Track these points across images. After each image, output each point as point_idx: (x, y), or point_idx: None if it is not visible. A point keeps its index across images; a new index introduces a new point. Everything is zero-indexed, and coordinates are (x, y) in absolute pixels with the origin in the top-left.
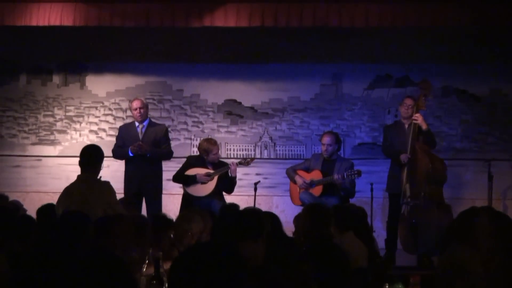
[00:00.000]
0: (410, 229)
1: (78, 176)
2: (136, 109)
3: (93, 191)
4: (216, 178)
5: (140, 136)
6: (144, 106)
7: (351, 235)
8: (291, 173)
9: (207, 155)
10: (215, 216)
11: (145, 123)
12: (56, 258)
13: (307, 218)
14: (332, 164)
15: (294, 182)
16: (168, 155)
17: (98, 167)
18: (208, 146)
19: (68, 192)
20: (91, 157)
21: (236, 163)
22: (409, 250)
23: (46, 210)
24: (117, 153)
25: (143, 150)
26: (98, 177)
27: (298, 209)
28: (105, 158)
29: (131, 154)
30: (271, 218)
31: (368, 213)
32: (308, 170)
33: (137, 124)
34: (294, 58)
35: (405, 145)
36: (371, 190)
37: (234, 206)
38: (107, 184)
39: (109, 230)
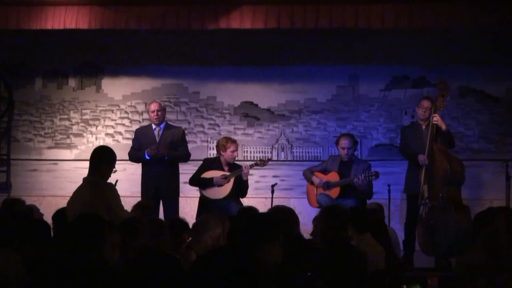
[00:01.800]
0: (428, 231)
1: (84, 179)
2: (153, 111)
3: (96, 194)
4: (232, 180)
5: (157, 139)
6: (162, 109)
7: (368, 236)
8: (308, 174)
9: (224, 150)
10: (233, 219)
11: (162, 126)
12: (69, 263)
13: (325, 219)
14: (349, 166)
15: (311, 183)
16: (185, 158)
17: (105, 170)
18: (227, 142)
19: (75, 195)
20: (97, 159)
21: (249, 166)
22: (427, 251)
23: (61, 214)
24: (134, 156)
25: (161, 153)
26: (111, 181)
27: (315, 211)
28: (121, 161)
29: (147, 157)
30: (287, 214)
31: (386, 215)
32: (325, 171)
33: (154, 126)
34: (311, 60)
35: (422, 146)
36: (389, 191)
37: (251, 209)
38: (110, 187)
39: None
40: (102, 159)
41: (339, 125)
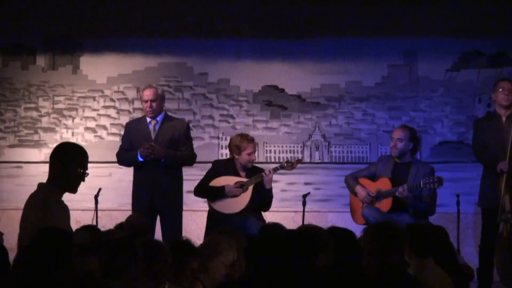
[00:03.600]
0: (510, 255)
1: (38, 185)
2: (146, 101)
3: (46, 206)
4: (251, 188)
5: (153, 135)
6: (158, 97)
7: (431, 263)
8: (351, 182)
9: (239, 153)
10: (252, 239)
11: (159, 118)
12: None
13: (373, 241)
14: (405, 169)
15: (355, 194)
16: (189, 160)
17: (58, 172)
18: (242, 142)
19: (25, 209)
20: (51, 157)
21: (273, 170)
22: (510, 283)
23: None
24: (123, 157)
25: (156, 153)
26: (91, 187)
27: (361, 229)
28: (106, 164)
29: (140, 159)
30: (340, 237)
31: (454, 234)
32: (373, 177)
33: (148, 119)
34: (354, 31)
35: (502, 145)
36: (458, 203)
37: (276, 226)
38: (54, 203)
39: None
40: (57, 157)
41: (391, 116)
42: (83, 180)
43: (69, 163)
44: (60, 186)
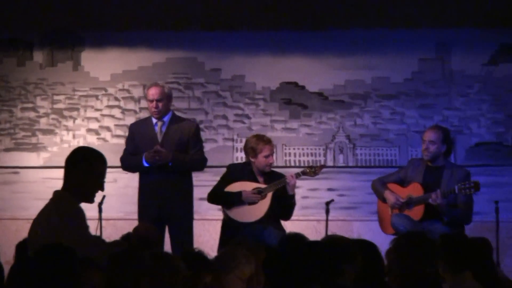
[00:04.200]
0: None
1: (54, 193)
2: (152, 100)
3: (62, 216)
4: (270, 195)
5: (159, 137)
6: (164, 96)
7: (467, 277)
8: (379, 188)
9: (255, 156)
10: (272, 251)
11: (166, 119)
12: None
13: (403, 253)
14: (438, 174)
15: (384, 200)
16: (199, 164)
17: (78, 180)
18: (258, 144)
19: (38, 217)
20: (68, 163)
21: (295, 175)
22: None
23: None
24: (127, 162)
25: (163, 158)
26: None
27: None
28: (110, 169)
29: (146, 164)
30: (364, 249)
31: (493, 245)
32: (403, 183)
33: (154, 120)
34: (382, 21)
35: None
36: (496, 211)
37: (298, 237)
38: (74, 211)
39: None
40: (74, 163)
41: (422, 115)
42: (102, 189)
43: (87, 170)
44: (77, 194)
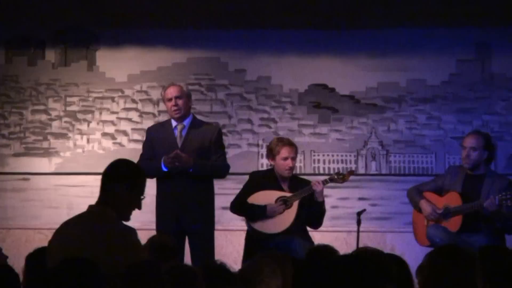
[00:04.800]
0: None
1: (89, 207)
2: (170, 99)
3: (100, 237)
4: (296, 205)
5: (179, 142)
6: (184, 95)
7: None
8: (414, 196)
9: (273, 159)
10: (299, 264)
11: (187, 122)
12: None
13: (438, 269)
14: (478, 182)
15: (419, 210)
16: (222, 171)
17: (121, 196)
18: (276, 145)
19: (65, 229)
20: (107, 178)
21: (322, 182)
22: None
23: (40, 257)
24: (144, 167)
25: (184, 162)
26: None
27: (426, 252)
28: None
29: (164, 169)
30: (397, 266)
31: None
32: (441, 191)
33: (174, 123)
34: (417, 20)
35: None
36: None
37: (327, 249)
38: (125, 231)
39: None
40: (116, 178)
41: (460, 120)
42: (139, 208)
43: (130, 188)
44: (113, 207)
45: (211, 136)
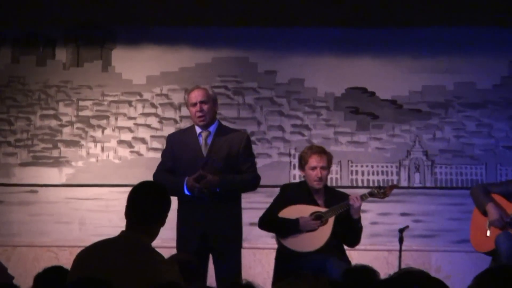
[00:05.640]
0: None
1: (121, 233)
2: (195, 104)
3: (132, 263)
4: (331, 221)
5: (204, 151)
6: (209, 99)
7: None
8: (481, 197)
9: (303, 169)
10: (336, 286)
11: (212, 129)
12: None
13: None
14: None
15: (484, 212)
16: (251, 184)
17: (153, 224)
18: (306, 153)
19: (93, 254)
20: (136, 204)
21: (361, 197)
22: None
23: (50, 276)
24: (163, 182)
25: (209, 184)
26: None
27: (479, 269)
28: None
29: (187, 193)
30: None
31: None
32: (509, 197)
33: (198, 130)
34: (466, 18)
35: None
36: None
37: (366, 270)
38: (160, 259)
39: None
40: (146, 203)
41: None
42: (163, 225)
43: (160, 211)
44: (146, 235)
45: (239, 144)
